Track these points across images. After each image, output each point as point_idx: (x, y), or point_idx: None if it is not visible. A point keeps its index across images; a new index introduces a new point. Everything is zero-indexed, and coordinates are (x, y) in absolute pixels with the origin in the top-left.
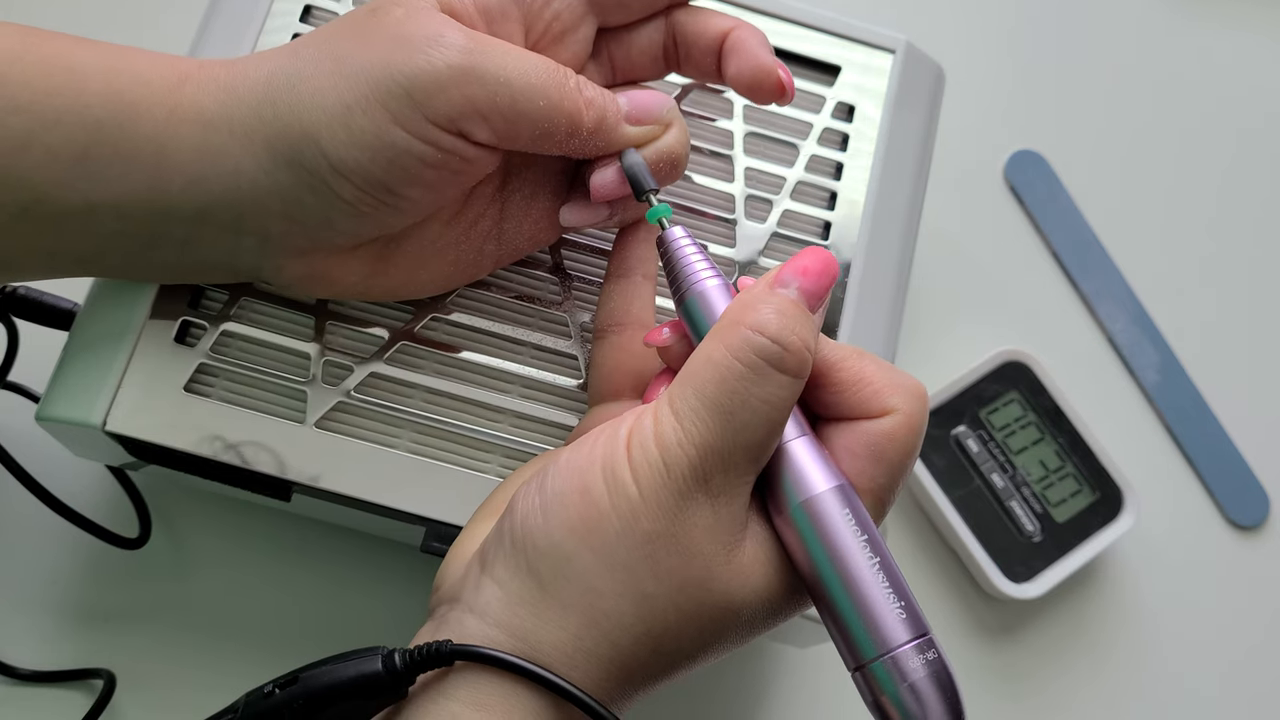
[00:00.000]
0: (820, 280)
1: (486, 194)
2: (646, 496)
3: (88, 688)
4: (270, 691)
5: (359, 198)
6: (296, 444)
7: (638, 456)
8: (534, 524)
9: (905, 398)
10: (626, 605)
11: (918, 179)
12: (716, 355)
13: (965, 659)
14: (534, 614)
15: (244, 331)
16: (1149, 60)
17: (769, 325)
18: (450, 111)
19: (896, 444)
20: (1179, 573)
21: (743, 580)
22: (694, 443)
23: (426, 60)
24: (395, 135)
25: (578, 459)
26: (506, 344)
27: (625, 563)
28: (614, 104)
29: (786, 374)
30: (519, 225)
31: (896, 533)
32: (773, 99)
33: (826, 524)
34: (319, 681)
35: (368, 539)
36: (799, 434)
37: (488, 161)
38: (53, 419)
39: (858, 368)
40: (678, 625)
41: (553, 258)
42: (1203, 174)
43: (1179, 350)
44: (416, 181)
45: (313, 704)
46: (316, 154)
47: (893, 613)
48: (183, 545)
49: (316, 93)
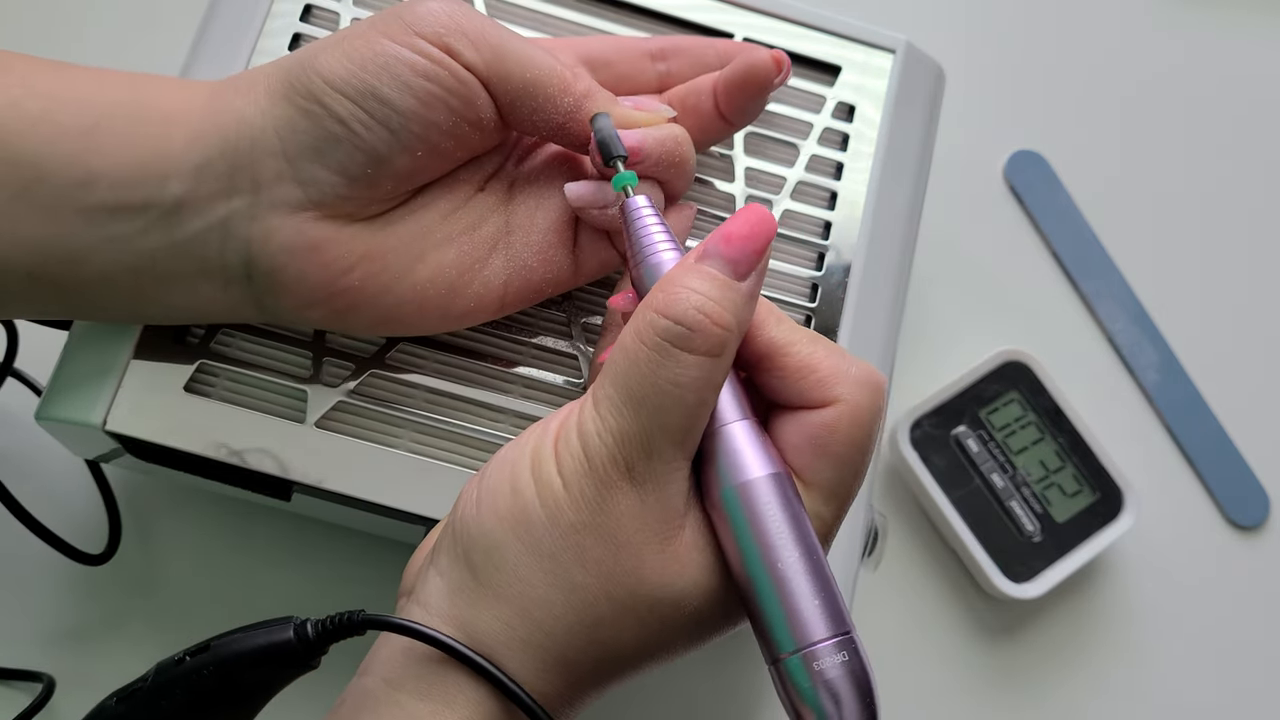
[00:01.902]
0: (747, 245)
1: (490, 202)
2: (570, 488)
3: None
4: (181, 659)
5: (352, 112)
6: (296, 444)
7: (562, 448)
8: (469, 514)
9: (852, 387)
10: (556, 595)
11: (918, 179)
12: (626, 341)
13: (965, 659)
14: (469, 603)
15: (244, 331)
16: (1149, 60)
17: (673, 305)
18: (436, 27)
19: (838, 437)
20: (1179, 573)
21: (679, 570)
22: (611, 432)
23: (421, 2)
24: (384, 45)
25: (512, 451)
26: (507, 344)
27: (552, 553)
28: (606, 91)
29: (695, 354)
30: (527, 236)
31: (897, 533)
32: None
33: (752, 511)
34: (230, 649)
35: (368, 539)
36: (738, 418)
37: (480, 100)
38: (53, 419)
39: (806, 353)
40: (613, 616)
41: None
42: (1203, 174)
43: (1179, 350)
44: (407, 90)
45: (224, 671)
46: (311, 74)
47: (811, 606)
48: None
49: (316, 41)
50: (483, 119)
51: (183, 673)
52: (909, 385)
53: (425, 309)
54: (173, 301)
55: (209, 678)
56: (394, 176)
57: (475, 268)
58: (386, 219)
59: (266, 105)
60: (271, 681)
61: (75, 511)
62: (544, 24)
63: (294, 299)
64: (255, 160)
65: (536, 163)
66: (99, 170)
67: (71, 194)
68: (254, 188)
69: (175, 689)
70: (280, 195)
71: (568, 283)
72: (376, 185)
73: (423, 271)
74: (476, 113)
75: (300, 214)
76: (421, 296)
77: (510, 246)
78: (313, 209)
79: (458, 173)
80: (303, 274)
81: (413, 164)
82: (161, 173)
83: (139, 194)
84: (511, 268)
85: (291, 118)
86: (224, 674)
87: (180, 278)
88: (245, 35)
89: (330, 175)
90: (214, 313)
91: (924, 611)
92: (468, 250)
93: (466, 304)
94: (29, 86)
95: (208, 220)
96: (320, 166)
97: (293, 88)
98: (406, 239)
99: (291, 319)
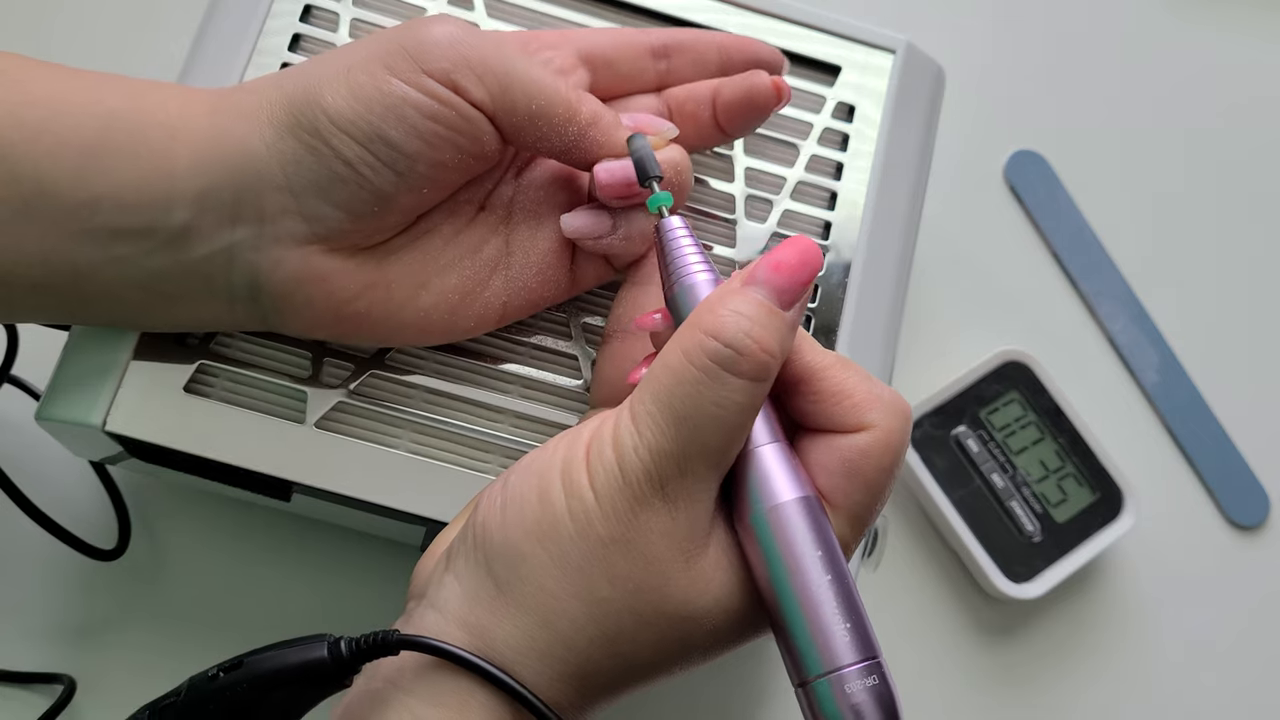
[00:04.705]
0: (795, 275)
1: (490, 222)
2: (602, 502)
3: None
4: (214, 675)
5: (359, 155)
6: (296, 444)
7: (595, 461)
8: (493, 522)
9: (884, 414)
10: (580, 608)
11: (918, 179)
12: (672, 359)
13: (965, 659)
14: (489, 612)
15: (244, 332)
16: (1149, 60)
17: (724, 329)
18: (444, 64)
19: (871, 461)
20: (1179, 573)
21: (702, 588)
22: (649, 448)
23: (425, 28)
24: (391, 85)
25: (539, 460)
26: (507, 344)
27: (579, 566)
28: (610, 111)
29: (742, 378)
30: (526, 257)
31: (897, 533)
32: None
33: (784, 534)
34: (264, 666)
35: (368, 539)
36: (770, 440)
37: (486, 135)
38: (53, 419)
39: (840, 379)
40: (634, 630)
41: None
42: (1203, 174)
43: (1179, 350)
44: (414, 134)
45: (257, 689)
46: (317, 112)
47: (840, 631)
48: (169, 546)
49: (319, 63)
50: (487, 151)
51: (216, 689)
52: (909, 385)
53: (428, 330)
54: (179, 316)
55: (243, 695)
56: (399, 212)
57: (477, 290)
58: (389, 247)
59: (272, 138)
60: (304, 699)
61: (80, 512)
62: (544, 24)
63: (300, 322)
64: (260, 193)
65: (535, 179)
66: (102, 192)
67: (75, 214)
68: (259, 219)
69: (209, 705)
70: (286, 229)
71: (565, 297)
72: (382, 220)
73: (426, 298)
74: (482, 147)
75: (306, 247)
76: (425, 320)
77: (510, 268)
78: (318, 242)
79: (458, 194)
80: (310, 300)
81: (418, 201)
82: (166, 197)
83: (143, 219)
84: (511, 288)
85: (297, 153)
86: (257, 691)
87: (187, 296)
88: (245, 35)
89: (336, 212)
90: (220, 326)
91: (924, 611)
92: (470, 275)
93: (467, 323)
94: (26, 93)
95: (213, 246)
96: (326, 204)
97: (298, 123)
98: (411, 267)
99: (297, 335)
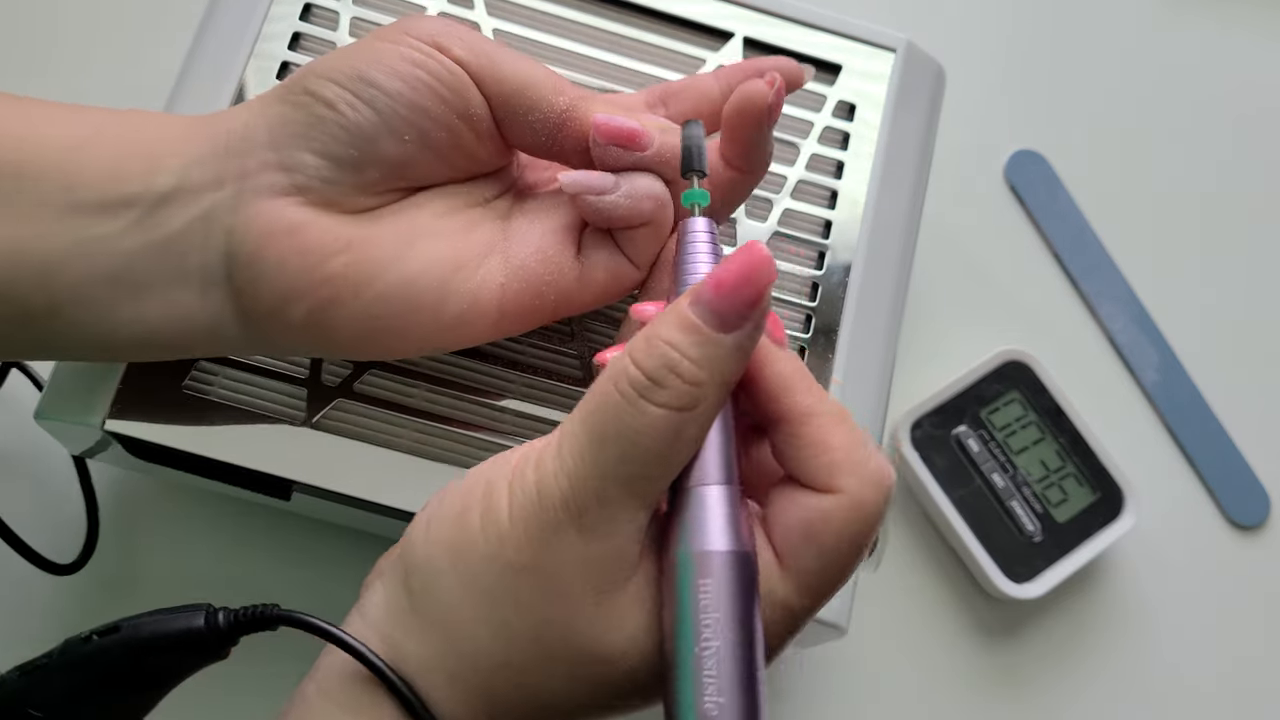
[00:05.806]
0: (736, 296)
1: (488, 215)
2: (515, 526)
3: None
4: (89, 637)
5: (338, 94)
6: (296, 444)
7: (516, 483)
8: (417, 536)
9: (860, 481)
10: (485, 631)
11: (918, 178)
12: (599, 383)
13: (965, 659)
14: (402, 626)
15: None
16: (1148, 60)
17: (646, 356)
18: (431, 30)
19: (831, 528)
20: (1179, 573)
21: (615, 625)
22: (567, 472)
23: (417, 16)
24: (378, 44)
25: (471, 477)
26: (507, 344)
27: (488, 590)
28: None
29: (661, 407)
30: (525, 237)
31: (897, 532)
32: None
33: (700, 583)
34: (140, 632)
35: (367, 538)
36: (719, 481)
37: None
38: (52, 418)
39: (824, 429)
40: (540, 663)
41: None
42: (1203, 173)
43: (1179, 350)
44: (394, 74)
45: (131, 654)
46: (305, 72)
47: (704, 703)
48: (170, 544)
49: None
50: (474, 114)
51: (89, 651)
52: (909, 385)
53: (416, 306)
54: (148, 316)
55: (116, 659)
56: (380, 163)
57: (470, 264)
58: (375, 215)
59: (260, 107)
60: (179, 668)
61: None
62: (544, 24)
63: (274, 292)
64: (245, 153)
65: (538, 191)
66: (85, 173)
67: (52, 195)
68: (240, 177)
69: (81, 667)
70: (264, 182)
71: (573, 292)
72: (362, 171)
73: (413, 263)
74: (467, 106)
75: (282, 198)
76: (411, 291)
77: (508, 249)
78: (296, 194)
79: (456, 188)
80: (282, 260)
81: (400, 151)
82: (150, 168)
83: (125, 189)
84: (509, 268)
85: (283, 112)
86: (132, 656)
87: (157, 284)
88: (245, 34)
89: (314, 159)
90: (191, 331)
91: (924, 611)
92: (461, 247)
93: (460, 304)
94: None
95: (190, 214)
96: (305, 151)
97: (287, 88)
98: (395, 229)
99: (272, 329)
